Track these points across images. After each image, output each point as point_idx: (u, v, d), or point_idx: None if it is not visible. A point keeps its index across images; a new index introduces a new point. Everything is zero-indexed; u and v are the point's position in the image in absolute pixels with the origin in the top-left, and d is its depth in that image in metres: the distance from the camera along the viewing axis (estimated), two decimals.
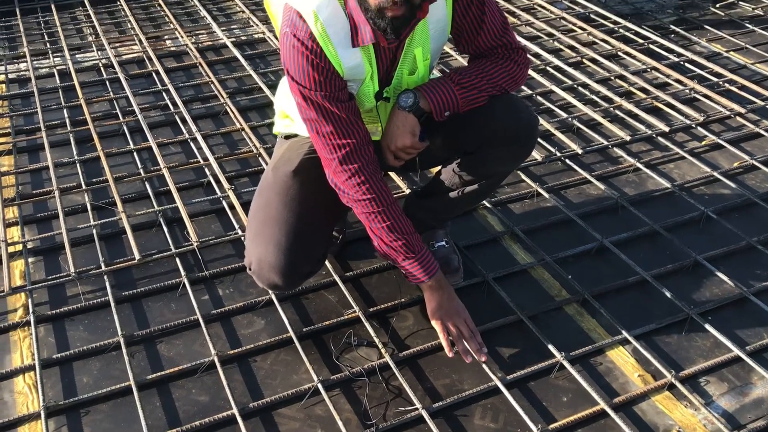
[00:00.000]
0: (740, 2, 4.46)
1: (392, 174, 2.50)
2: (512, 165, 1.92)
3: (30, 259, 2.21)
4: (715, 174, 2.63)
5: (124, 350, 1.88)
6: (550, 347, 1.89)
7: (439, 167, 1.99)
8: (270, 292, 2.03)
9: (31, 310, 2.00)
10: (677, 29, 4.06)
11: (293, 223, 1.77)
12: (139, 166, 2.62)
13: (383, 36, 1.56)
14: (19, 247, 2.24)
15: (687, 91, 3.19)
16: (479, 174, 1.87)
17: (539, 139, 2.73)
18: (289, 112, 1.92)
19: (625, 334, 1.94)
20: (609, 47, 3.59)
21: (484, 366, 1.83)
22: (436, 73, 1.88)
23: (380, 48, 1.65)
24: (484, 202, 2.41)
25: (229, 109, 2.96)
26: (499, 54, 1.74)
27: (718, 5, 4.45)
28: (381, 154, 1.79)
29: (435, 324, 1.85)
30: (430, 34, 1.69)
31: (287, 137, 1.97)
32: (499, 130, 1.73)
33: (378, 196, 1.71)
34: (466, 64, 1.83)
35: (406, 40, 1.67)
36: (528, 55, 1.81)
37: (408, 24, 1.55)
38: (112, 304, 2.02)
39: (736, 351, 1.89)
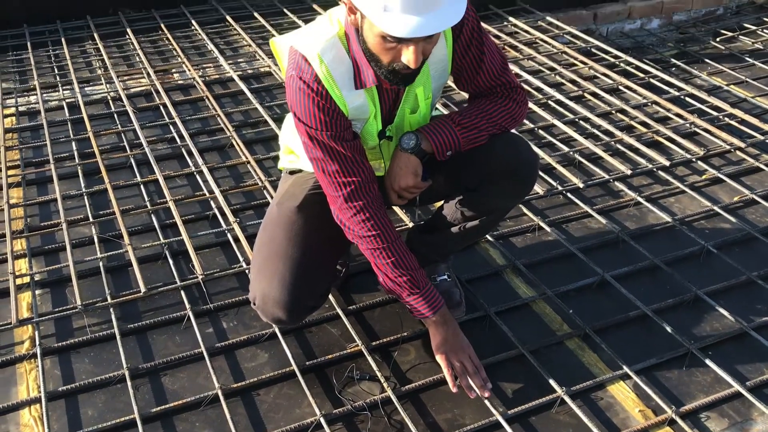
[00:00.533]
0: (740, 36, 4.52)
1: (395, 208, 2.53)
2: (513, 202, 1.95)
3: (37, 292, 2.24)
4: (716, 208, 2.65)
5: (129, 383, 1.90)
6: (552, 382, 1.90)
7: (441, 202, 2.02)
8: (274, 325, 2.05)
9: (37, 342, 2.03)
10: (678, 63, 4.12)
11: (297, 258, 1.79)
12: (146, 198, 2.66)
13: (391, 82, 1.62)
14: (27, 279, 2.27)
15: (687, 125, 3.22)
16: (481, 210, 1.90)
17: (541, 173, 2.77)
18: (294, 148, 1.96)
19: (625, 369, 1.95)
20: (610, 81, 3.64)
21: (485, 401, 1.84)
22: (440, 108, 1.92)
23: (382, 89, 1.70)
24: (486, 235, 2.44)
25: (234, 142, 3.01)
26: (498, 93, 1.78)
27: (718, 39, 4.52)
28: (384, 192, 1.82)
29: (439, 359, 1.87)
30: (431, 73, 1.73)
31: (292, 172, 2.00)
32: (499, 168, 1.76)
33: (383, 232, 1.74)
34: (466, 96, 1.87)
35: None
36: (526, 94, 1.85)
37: (416, 75, 1.61)
38: (118, 337, 2.05)
39: (737, 386, 1.90)
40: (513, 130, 1.87)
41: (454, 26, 1.68)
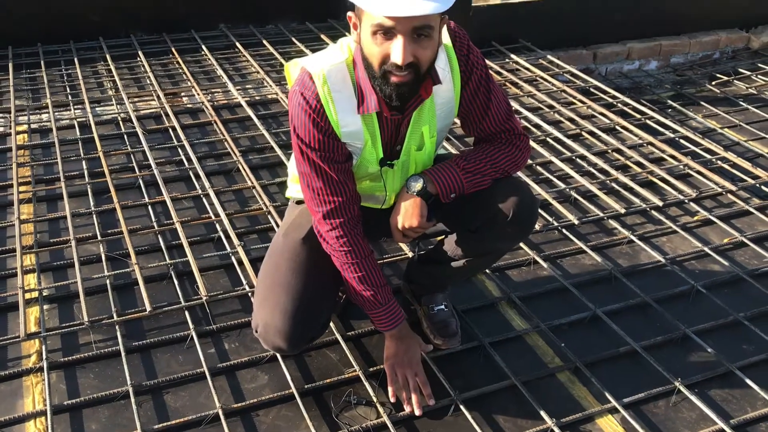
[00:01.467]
0: (735, 81, 4.64)
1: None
2: (512, 244, 2.02)
3: (45, 307, 2.30)
4: (706, 249, 2.73)
5: (132, 399, 1.96)
6: (542, 413, 1.97)
7: (442, 237, 2.10)
8: None
9: (44, 356, 2.09)
10: (674, 104, 4.24)
11: (300, 289, 1.86)
12: (153, 219, 2.73)
13: (388, 104, 1.68)
14: (36, 294, 2.33)
15: (681, 166, 3.32)
16: (480, 249, 1.97)
17: (538, 209, 2.84)
18: None
19: (614, 402, 2.01)
20: (607, 121, 3.74)
21: (477, 429, 1.90)
22: (446, 147, 2.00)
23: (383, 118, 1.77)
24: None
25: (241, 167, 3.09)
26: (502, 139, 1.87)
27: (714, 83, 4.64)
28: (390, 229, 1.90)
29: (386, 369, 1.99)
30: (437, 113, 1.81)
31: (299, 202, 2.08)
32: (500, 212, 1.83)
33: (354, 249, 1.84)
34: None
35: (413, 116, 1.78)
36: (529, 140, 1.94)
37: (412, 94, 1.67)
38: (123, 354, 2.11)
39: (721, 424, 1.96)
40: (515, 174, 1.95)
41: (463, 71, 1.77)
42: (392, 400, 1.96)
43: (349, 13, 1.66)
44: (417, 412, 1.93)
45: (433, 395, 1.96)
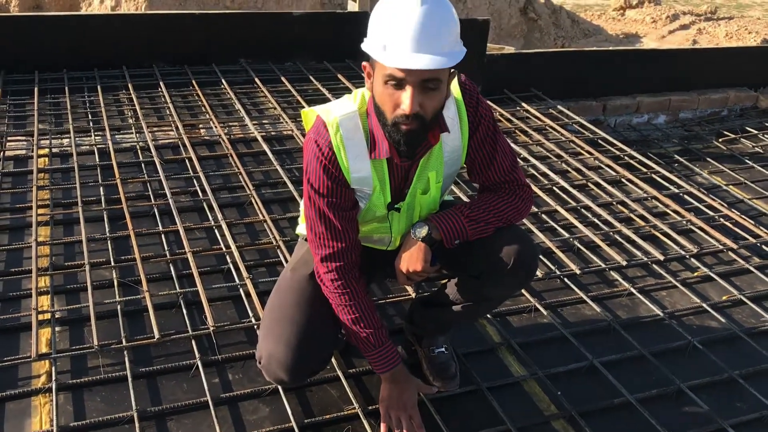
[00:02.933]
0: (742, 138, 4.73)
1: None
2: (512, 291, 2.09)
3: (57, 328, 2.37)
4: (704, 305, 2.78)
5: (136, 424, 2.01)
6: None
7: (445, 281, 2.16)
8: None
9: (53, 377, 2.15)
10: (681, 159, 4.32)
11: (304, 324, 1.92)
12: (166, 248, 2.81)
13: (398, 150, 1.78)
14: (48, 315, 2.40)
15: (684, 222, 3.38)
16: (481, 295, 2.04)
17: (541, 257, 2.91)
18: None
19: None
20: (613, 173, 3.81)
21: None
22: (454, 190, 2.07)
23: (393, 164, 1.86)
24: None
25: (253, 200, 3.17)
26: (506, 189, 1.95)
27: (721, 140, 4.73)
28: (394, 273, 1.97)
29: (381, 410, 2.03)
30: (444, 160, 1.90)
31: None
32: (501, 260, 1.90)
33: (350, 291, 1.91)
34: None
35: (420, 162, 1.87)
36: (532, 192, 2.01)
37: (420, 140, 1.76)
38: (129, 379, 2.16)
39: None
40: (518, 223, 2.02)
41: (471, 122, 1.87)
42: None
43: (364, 63, 1.77)
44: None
45: None
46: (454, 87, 1.87)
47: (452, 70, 1.74)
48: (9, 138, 3.59)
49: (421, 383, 2.12)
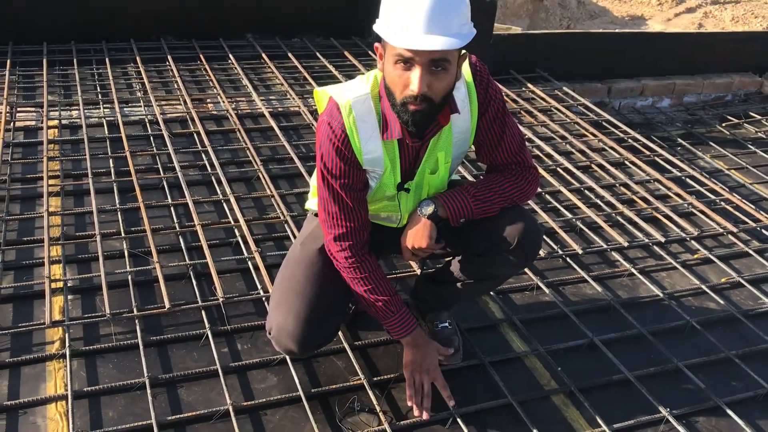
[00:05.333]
0: (745, 124, 4.76)
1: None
2: (515, 270, 2.13)
3: (69, 297, 2.42)
4: (704, 287, 2.83)
5: (148, 391, 2.07)
6: None
7: (450, 258, 2.21)
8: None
9: (67, 344, 2.20)
10: (684, 143, 4.35)
11: (313, 297, 1.97)
12: (175, 220, 2.85)
13: (407, 131, 1.81)
14: (61, 284, 2.45)
15: (685, 205, 3.42)
16: (484, 273, 2.08)
17: (544, 236, 2.95)
18: None
19: (604, 427, 2.11)
20: (617, 155, 3.85)
21: None
22: (461, 170, 2.11)
23: (404, 145, 1.90)
24: None
25: (261, 175, 3.21)
26: (513, 170, 1.99)
27: (724, 124, 4.76)
28: (400, 249, 2.02)
29: (405, 375, 2.08)
30: (453, 141, 1.94)
31: (317, 215, 2.18)
32: (505, 239, 1.94)
33: (361, 265, 1.97)
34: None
35: (430, 142, 1.91)
36: (538, 174, 2.05)
37: (429, 121, 1.79)
38: (141, 347, 2.22)
39: None
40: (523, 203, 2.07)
41: (481, 103, 1.90)
42: (409, 404, 2.06)
43: (377, 44, 1.79)
44: (425, 417, 2.04)
45: (452, 397, 2.07)
46: (465, 68, 1.90)
47: (463, 52, 1.77)
48: (19, 108, 3.62)
49: (440, 346, 2.18)
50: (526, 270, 2.78)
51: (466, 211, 1.93)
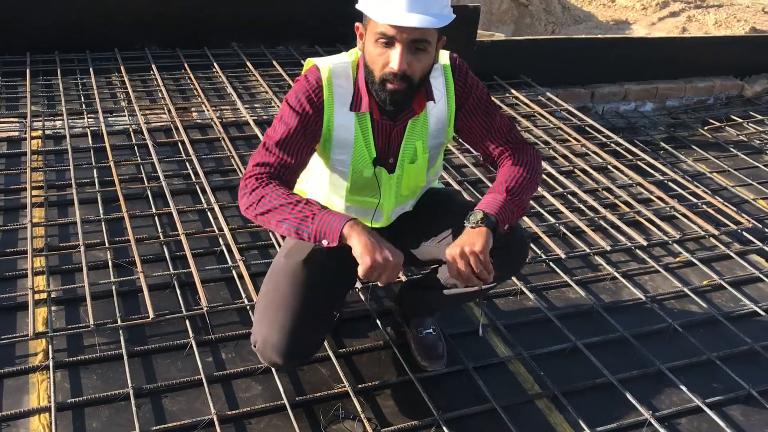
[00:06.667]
0: (726, 127, 4.80)
1: None
2: (500, 279, 2.14)
3: (53, 308, 2.41)
4: (685, 290, 2.86)
5: (132, 401, 2.06)
6: None
7: (437, 265, 2.21)
8: None
9: (50, 355, 2.20)
10: (667, 146, 4.39)
11: (298, 309, 1.95)
12: (159, 230, 2.85)
13: (381, 108, 1.86)
14: (44, 295, 2.44)
15: (667, 208, 3.45)
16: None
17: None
18: (304, 188, 2.16)
19: (588, 430, 2.13)
20: (600, 160, 3.88)
21: None
22: (444, 176, 2.13)
23: (375, 121, 1.93)
24: None
25: None
26: (513, 153, 2.01)
27: (706, 128, 4.80)
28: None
29: (361, 274, 1.73)
30: (429, 130, 1.98)
31: None
32: (493, 248, 1.95)
33: (267, 187, 1.83)
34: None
35: (406, 129, 1.94)
36: (535, 149, 2.07)
37: (406, 101, 1.83)
38: (125, 357, 2.22)
39: None
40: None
41: (459, 93, 1.96)
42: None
43: (357, 24, 1.84)
44: (380, 284, 1.78)
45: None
46: (444, 58, 1.96)
47: (443, 37, 1.83)
48: (2, 119, 3.61)
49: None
50: None
51: (509, 213, 1.89)
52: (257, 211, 1.84)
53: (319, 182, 2.09)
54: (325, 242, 1.76)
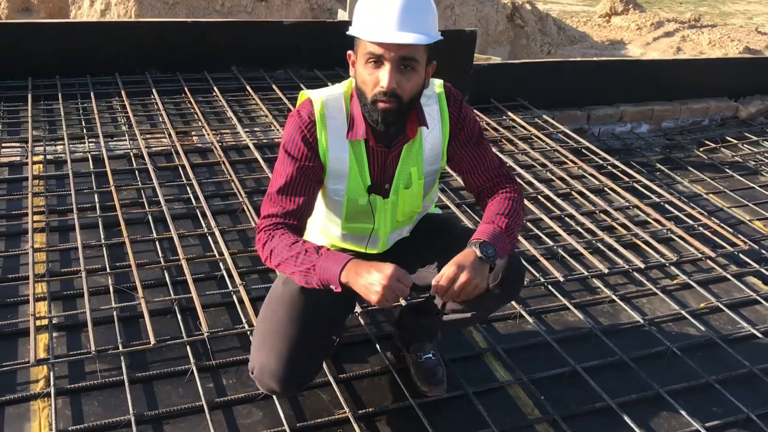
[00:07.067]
0: (722, 148, 4.85)
1: None
2: (498, 305, 2.16)
3: (54, 334, 2.42)
4: (683, 312, 2.88)
5: (134, 428, 2.07)
6: None
7: None
8: None
9: (52, 382, 2.20)
10: (663, 168, 4.42)
11: (295, 336, 1.95)
12: (160, 254, 2.86)
13: (374, 130, 1.89)
14: (46, 321, 2.45)
15: (664, 231, 3.48)
16: (469, 306, 2.11)
17: (526, 263, 2.99)
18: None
19: None
20: (597, 182, 3.91)
21: None
22: (442, 198, 2.15)
23: (371, 149, 1.96)
24: None
25: (246, 208, 3.24)
26: (501, 188, 2.05)
27: (702, 149, 4.84)
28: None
29: (373, 299, 1.74)
30: (425, 157, 2.01)
31: None
32: (490, 275, 1.95)
33: (276, 236, 1.90)
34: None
35: (402, 154, 1.97)
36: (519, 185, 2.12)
37: (397, 121, 1.86)
38: (126, 384, 2.22)
39: None
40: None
41: (453, 122, 2.00)
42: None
43: (349, 52, 1.89)
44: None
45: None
46: (438, 87, 2.00)
47: (433, 62, 1.87)
48: (4, 144, 3.64)
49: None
50: None
51: (506, 246, 1.92)
52: (273, 264, 1.93)
53: (316, 210, 2.11)
54: (332, 287, 1.81)
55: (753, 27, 13.18)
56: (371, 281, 1.73)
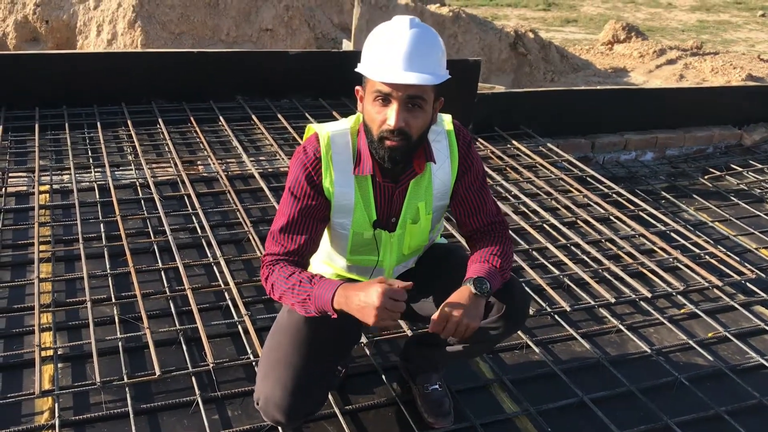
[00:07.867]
0: (727, 176, 4.85)
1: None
2: (503, 335, 2.15)
3: (59, 365, 2.42)
4: (691, 342, 2.86)
5: None
6: None
7: None
8: None
9: (56, 414, 2.19)
10: (668, 196, 4.42)
11: (300, 367, 1.94)
12: (165, 284, 2.86)
13: (381, 167, 1.89)
14: (51, 352, 2.44)
15: (671, 259, 3.47)
16: (475, 337, 2.09)
17: (532, 293, 2.98)
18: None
19: None
20: (602, 211, 3.91)
21: None
22: (448, 228, 2.15)
23: (377, 185, 1.96)
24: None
25: (251, 237, 3.24)
26: (494, 233, 2.06)
27: (706, 177, 4.84)
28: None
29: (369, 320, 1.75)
30: (434, 192, 2.01)
31: None
32: (494, 306, 1.97)
33: (277, 268, 1.93)
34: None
35: (409, 189, 1.97)
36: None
37: (405, 159, 1.87)
38: (131, 415, 2.21)
39: None
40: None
41: (462, 161, 1.99)
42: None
43: (357, 87, 1.90)
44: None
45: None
46: (448, 124, 2.01)
47: (440, 98, 1.88)
48: (10, 174, 3.66)
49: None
50: None
51: (499, 285, 1.95)
52: (276, 297, 1.95)
53: (322, 240, 2.11)
54: (329, 314, 1.83)
55: (755, 54, 13.25)
56: (364, 303, 1.74)
